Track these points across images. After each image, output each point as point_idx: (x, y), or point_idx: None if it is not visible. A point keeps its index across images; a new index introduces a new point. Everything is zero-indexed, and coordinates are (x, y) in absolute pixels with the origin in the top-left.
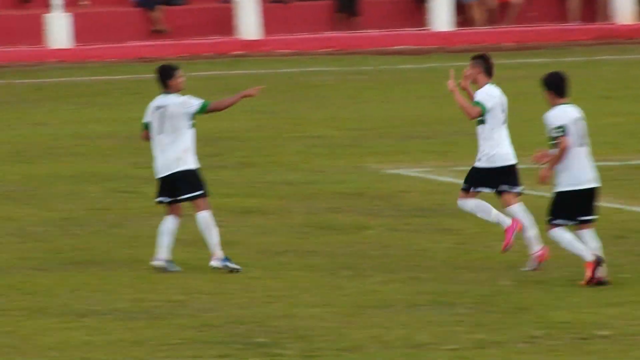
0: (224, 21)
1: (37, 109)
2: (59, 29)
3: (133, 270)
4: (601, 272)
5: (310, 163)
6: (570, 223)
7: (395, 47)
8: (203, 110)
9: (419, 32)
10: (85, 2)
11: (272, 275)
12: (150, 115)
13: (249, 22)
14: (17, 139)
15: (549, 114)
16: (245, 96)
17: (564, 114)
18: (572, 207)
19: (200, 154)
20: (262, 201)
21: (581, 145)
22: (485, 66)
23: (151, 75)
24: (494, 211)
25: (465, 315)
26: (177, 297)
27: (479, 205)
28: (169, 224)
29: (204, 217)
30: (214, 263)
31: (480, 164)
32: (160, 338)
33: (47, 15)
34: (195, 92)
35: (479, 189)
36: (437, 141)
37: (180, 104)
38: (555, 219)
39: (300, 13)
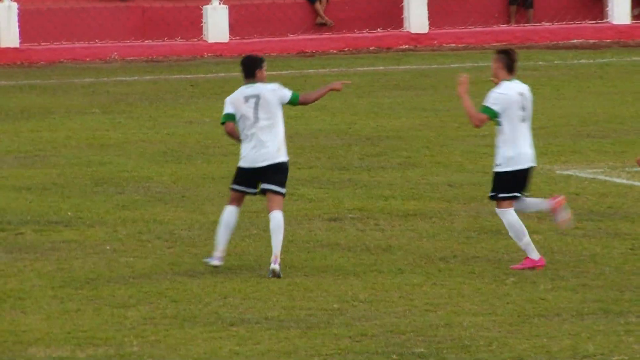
0: (390, 14)
1: (191, 105)
2: (216, 22)
3: (286, 276)
4: None
5: (476, 164)
6: None
7: (571, 41)
8: (293, 101)
9: (596, 25)
10: None
11: (433, 282)
12: (238, 107)
13: (417, 15)
14: (169, 137)
15: None
16: (331, 90)
17: None
18: None
19: (362, 154)
20: (424, 204)
21: None
22: (507, 62)
23: (313, 71)
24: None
25: (636, 325)
26: (332, 305)
27: (518, 230)
28: (233, 216)
29: (279, 218)
30: (277, 267)
31: (499, 168)
32: (314, 348)
33: (205, 7)
34: (358, 89)
35: (504, 195)
36: (611, 140)
37: (274, 91)
38: None
39: (470, 5)
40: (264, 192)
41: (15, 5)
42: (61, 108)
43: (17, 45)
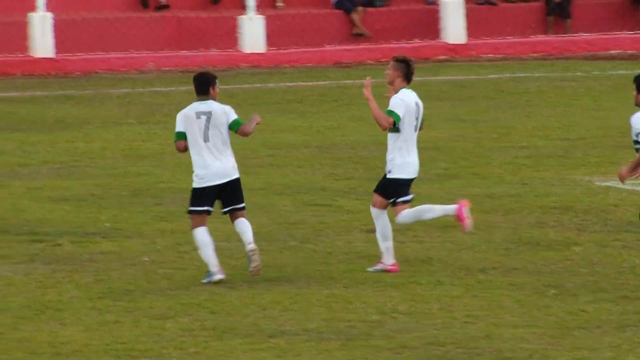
0: (427, 24)
1: None
2: (252, 32)
3: (326, 288)
4: None
5: (515, 175)
6: None
7: (609, 52)
8: (232, 127)
9: (635, 35)
10: (281, 4)
11: (473, 294)
12: (189, 123)
13: (455, 25)
14: None
15: (634, 115)
16: (257, 124)
17: None
18: None
19: None
20: None
21: None
22: (405, 71)
23: (350, 82)
24: (437, 206)
25: None
26: (372, 316)
27: (419, 210)
28: (208, 235)
29: (245, 220)
30: (253, 246)
31: (392, 175)
32: None
33: (241, 17)
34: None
35: (400, 200)
36: None
37: (224, 112)
38: None
39: (508, 15)
40: (227, 212)
41: (49, 15)
42: (97, 119)
43: (52, 56)
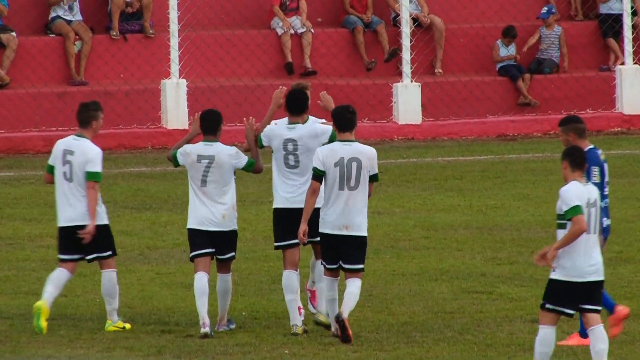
0: (601, 93)
1: (378, 194)
2: (407, 102)
3: None
4: None
5: None
6: None
7: None
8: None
9: None
10: (439, 70)
11: None
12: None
13: (632, 94)
14: None
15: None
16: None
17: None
18: None
19: None
20: (638, 303)
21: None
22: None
23: (515, 156)
24: None
25: None
26: None
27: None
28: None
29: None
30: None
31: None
32: None
33: (395, 85)
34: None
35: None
36: None
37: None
38: None
39: None
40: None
41: (183, 82)
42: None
43: (186, 127)
